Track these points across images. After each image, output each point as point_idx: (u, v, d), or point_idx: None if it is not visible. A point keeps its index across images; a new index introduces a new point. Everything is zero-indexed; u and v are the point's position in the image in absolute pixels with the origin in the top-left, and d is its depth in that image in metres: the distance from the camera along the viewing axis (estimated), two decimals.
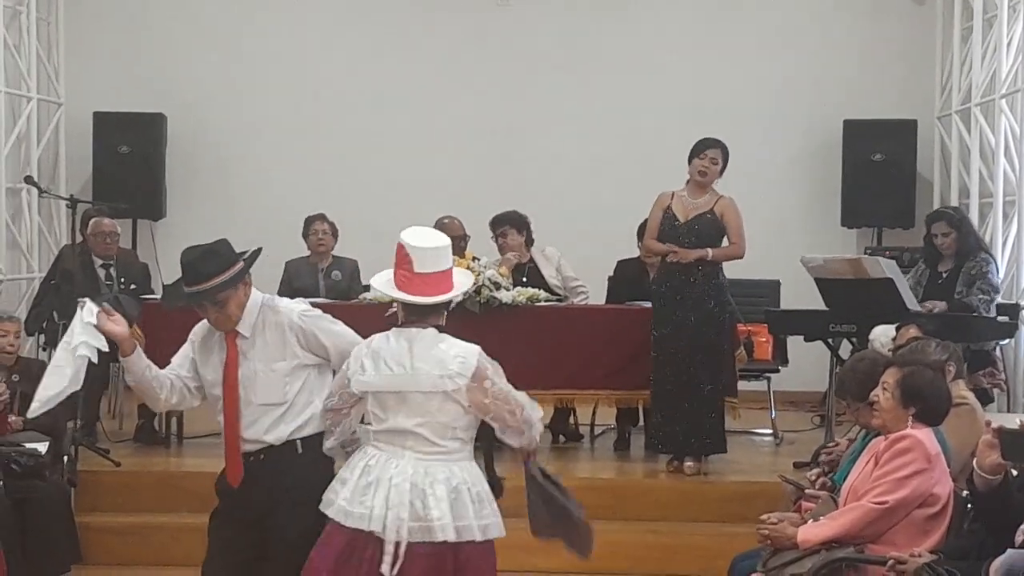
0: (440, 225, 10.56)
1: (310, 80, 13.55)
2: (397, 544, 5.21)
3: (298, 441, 5.66)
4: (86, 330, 5.58)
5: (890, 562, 5.36)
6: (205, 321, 5.78)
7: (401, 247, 5.41)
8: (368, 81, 13.51)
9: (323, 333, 5.66)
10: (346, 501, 5.31)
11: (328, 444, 5.68)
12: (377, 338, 5.46)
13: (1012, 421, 5.07)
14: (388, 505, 5.23)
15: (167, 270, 12.54)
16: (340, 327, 5.70)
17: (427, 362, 5.30)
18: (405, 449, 5.32)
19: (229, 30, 13.56)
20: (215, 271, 5.62)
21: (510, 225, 10.32)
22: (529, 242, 10.41)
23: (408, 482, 5.25)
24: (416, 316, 5.41)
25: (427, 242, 5.43)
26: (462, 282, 5.55)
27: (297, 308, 5.72)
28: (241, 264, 5.69)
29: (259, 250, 5.81)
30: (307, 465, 5.62)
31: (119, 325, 5.64)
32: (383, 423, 5.36)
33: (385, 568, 5.20)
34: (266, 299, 5.76)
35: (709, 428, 9.22)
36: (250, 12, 13.59)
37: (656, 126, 12.83)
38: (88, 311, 5.61)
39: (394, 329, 5.43)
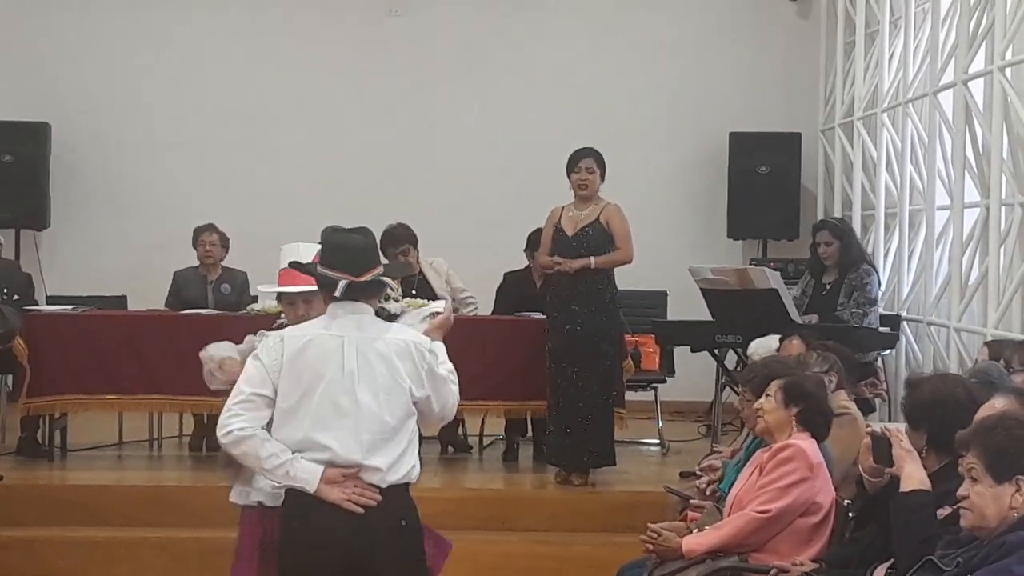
0: None
1: (199, 88, 13.43)
2: None
3: None
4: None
5: (772, 571, 5.44)
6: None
7: None
8: (259, 90, 13.42)
9: None
10: None
11: None
12: None
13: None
14: None
15: (51, 280, 12.43)
16: None
17: None
18: None
19: (115, 37, 13.39)
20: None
21: (409, 244, 10.33)
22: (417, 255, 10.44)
23: None
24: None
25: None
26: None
27: None
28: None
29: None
30: None
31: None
32: None
33: None
34: None
35: (599, 441, 9.26)
36: (137, 21, 13.41)
37: (545, 138, 12.86)
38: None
39: None
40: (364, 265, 5.18)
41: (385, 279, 5.27)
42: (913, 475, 4.85)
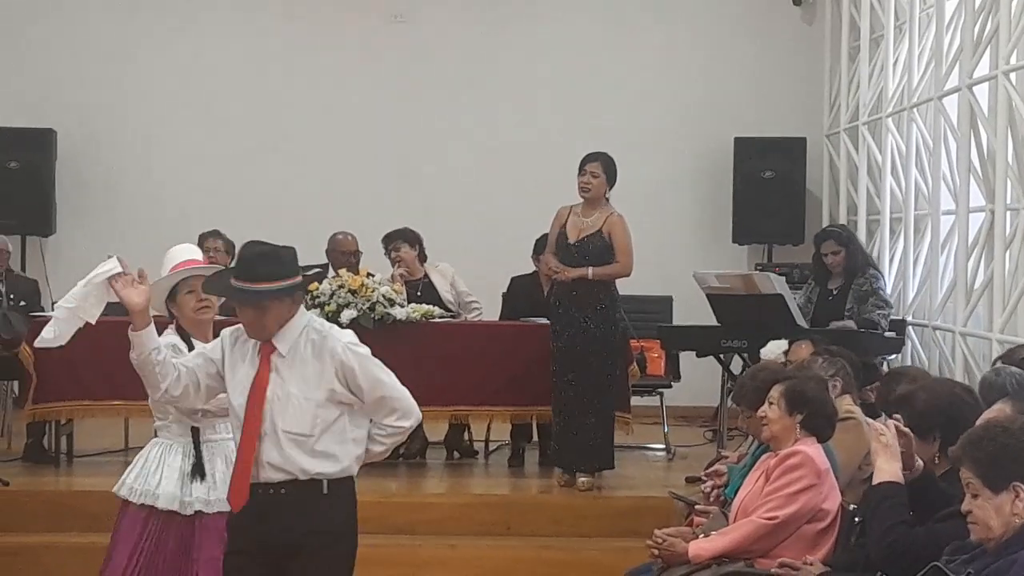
0: (334, 241, 10.58)
1: (204, 94, 13.44)
2: None
3: (324, 481, 5.21)
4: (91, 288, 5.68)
5: (783, 568, 5.47)
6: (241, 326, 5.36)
7: None
8: (264, 96, 13.44)
9: (363, 373, 5.22)
10: None
11: None
12: None
13: None
14: None
15: (56, 286, 12.39)
16: (385, 374, 5.28)
17: None
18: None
19: (120, 44, 13.41)
20: (269, 276, 5.20)
21: (402, 239, 10.36)
22: (422, 258, 10.44)
23: None
24: None
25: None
26: None
27: (344, 338, 5.29)
28: (298, 279, 5.29)
29: (324, 267, 5.58)
30: (333, 507, 5.24)
31: (139, 295, 5.59)
32: None
33: None
34: (313, 321, 5.35)
35: (596, 444, 9.25)
36: (142, 26, 13.43)
37: (550, 143, 12.88)
38: (111, 265, 5.60)
39: None
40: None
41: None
42: (884, 468, 5.04)
